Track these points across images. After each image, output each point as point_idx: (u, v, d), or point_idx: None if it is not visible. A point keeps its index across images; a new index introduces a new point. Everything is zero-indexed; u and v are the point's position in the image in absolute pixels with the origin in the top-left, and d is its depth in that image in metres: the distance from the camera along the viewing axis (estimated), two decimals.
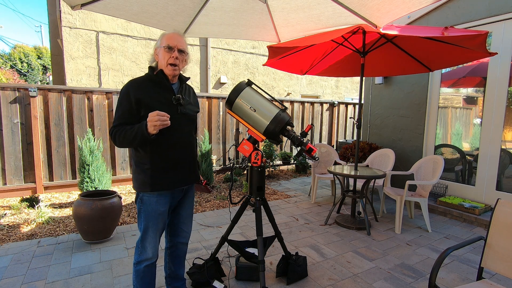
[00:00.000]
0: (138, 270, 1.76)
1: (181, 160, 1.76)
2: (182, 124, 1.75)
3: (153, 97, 1.66)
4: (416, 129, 4.75)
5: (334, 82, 11.18)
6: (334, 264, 2.70)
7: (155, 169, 1.68)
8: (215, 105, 6.09)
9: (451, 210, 3.95)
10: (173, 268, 2.04)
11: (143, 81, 1.70)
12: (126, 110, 1.63)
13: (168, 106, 1.67)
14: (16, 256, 2.72)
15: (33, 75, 25.41)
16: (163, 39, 1.70)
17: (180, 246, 2.00)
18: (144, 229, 1.72)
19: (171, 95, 1.71)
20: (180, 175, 1.77)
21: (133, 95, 1.62)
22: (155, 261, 1.80)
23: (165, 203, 1.75)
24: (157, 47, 1.72)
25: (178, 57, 1.69)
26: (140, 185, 1.70)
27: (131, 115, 1.63)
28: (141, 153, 1.69)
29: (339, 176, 3.63)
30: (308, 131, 2.00)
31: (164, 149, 1.69)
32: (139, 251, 1.75)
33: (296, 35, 3.26)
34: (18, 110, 4.40)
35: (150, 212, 1.71)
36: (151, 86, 1.69)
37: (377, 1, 2.39)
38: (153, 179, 1.68)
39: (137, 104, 1.62)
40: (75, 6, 2.31)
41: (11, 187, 4.43)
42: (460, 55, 3.28)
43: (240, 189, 5.23)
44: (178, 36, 1.73)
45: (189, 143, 1.82)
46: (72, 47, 6.90)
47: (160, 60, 1.71)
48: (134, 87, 1.65)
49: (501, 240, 1.70)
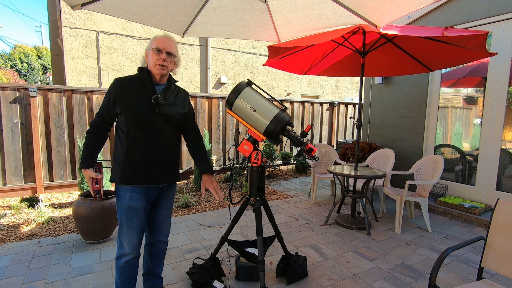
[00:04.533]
0: (118, 265, 1.80)
1: (155, 158, 1.77)
2: (159, 124, 1.77)
3: (132, 96, 1.73)
4: (416, 129, 4.75)
5: (334, 82, 11.18)
6: (334, 264, 2.70)
7: (128, 163, 1.74)
8: (215, 105, 6.09)
9: (451, 210, 3.95)
10: (151, 265, 2.03)
11: (127, 80, 1.78)
12: (105, 104, 1.76)
13: (146, 105, 1.73)
14: (16, 256, 2.72)
15: (33, 75, 25.41)
16: (153, 41, 1.76)
17: (159, 244, 2.00)
18: (120, 224, 1.78)
19: (151, 95, 1.74)
20: (153, 173, 1.78)
21: (114, 92, 1.72)
22: (134, 257, 1.80)
23: (139, 200, 1.76)
24: (147, 49, 1.79)
25: (166, 59, 1.75)
26: (112, 177, 1.79)
27: (107, 111, 1.75)
28: (119, 148, 1.77)
29: (339, 176, 3.63)
30: (308, 131, 2.00)
31: (139, 146, 1.74)
32: (118, 245, 1.80)
33: (296, 35, 3.25)
34: (18, 110, 4.40)
35: (123, 207, 1.76)
36: (133, 84, 1.76)
37: (377, 1, 2.38)
38: (124, 172, 1.74)
39: (113, 101, 1.72)
40: (75, 6, 2.31)
41: (11, 187, 4.43)
42: (460, 55, 3.28)
43: (240, 189, 5.23)
44: (168, 39, 1.79)
45: (166, 143, 1.82)
46: (72, 47, 6.90)
47: (149, 62, 1.77)
48: (117, 84, 1.74)
49: (501, 240, 1.70)
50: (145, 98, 1.73)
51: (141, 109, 1.71)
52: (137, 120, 1.72)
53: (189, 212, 4.01)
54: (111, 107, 1.73)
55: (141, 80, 1.76)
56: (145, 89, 1.75)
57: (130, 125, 1.72)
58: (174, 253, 2.83)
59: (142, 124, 1.73)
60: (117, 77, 1.79)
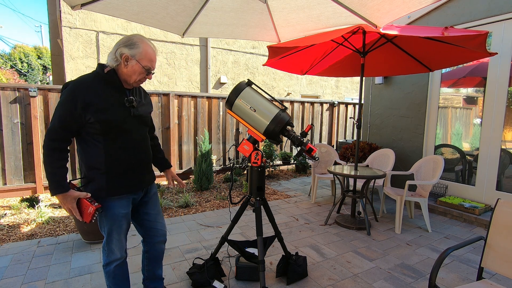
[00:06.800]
0: (108, 271, 1.73)
1: (137, 163, 1.70)
2: (136, 127, 1.69)
3: (104, 99, 1.54)
4: (416, 129, 4.75)
5: (334, 82, 11.19)
6: (334, 264, 2.70)
7: (112, 173, 1.60)
8: (215, 105, 6.09)
9: (451, 210, 3.95)
10: (152, 270, 2.00)
11: (92, 81, 1.55)
12: (69, 113, 1.48)
13: (120, 109, 1.60)
14: (16, 256, 2.72)
15: (33, 75, 25.41)
16: (145, 57, 1.59)
17: (158, 246, 1.96)
18: (108, 233, 1.67)
19: (123, 97, 1.62)
20: (139, 177, 1.73)
21: (82, 98, 1.48)
22: (124, 260, 1.77)
23: (126, 206, 1.70)
24: (131, 56, 1.56)
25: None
26: (95, 191, 1.59)
27: (74, 119, 1.49)
28: (94, 158, 1.57)
29: (339, 176, 3.63)
30: (308, 131, 2.00)
31: (120, 153, 1.61)
32: (107, 253, 1.71)
33: (296, 35, 3.26)
34: (18, 110, 4.40)
35: (111, 216, 1.64)
36: (101, 86, 1.55)
37: (377, 1, 2.39)
38: (110, 183, 1.60)
39: (84, 109, 1.48)
40: (75, 6, 2.31)
41: (11, 187, 4.43)
42: (460, 55, 3.28)
43: (240, 189, 5.23)
44: (156, 57, 1.68)
45: (144, 145, 1.76)
46: (72, 47, 6.90)
47: (128, 71, 1.58)
48: (83, 89, 1.50)
49: (501, 240, 1.70)
50: (117, 102, 1.59)
51: (118, 115, 1.57)
52: (115, 127, 1.56)
53: (189, 212, 4.01)
54: (78, 116, 1.48)
55: (110, 80, 1.58)
56: (115, 91, 1.60)
57: (107, 132, 1.55)
58: (174, 253, 2.83)
59: (121, 129, 1.59)
60: (74, 80, 1.54)
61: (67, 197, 1.51)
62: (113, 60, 1.57)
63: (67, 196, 1.51)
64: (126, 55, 1.56)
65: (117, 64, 1.57)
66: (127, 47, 1.56)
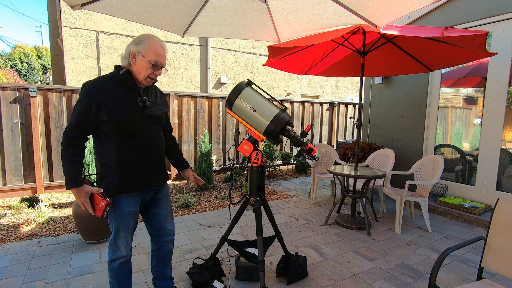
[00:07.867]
0: (112, 268, 1.76)
1: (148, 162, 1.72)
2: (149, 127, 1.71)
3: (118, 100, 1.59)
4: (416, 129, 4.75)
5: (334, 82, 11.19)
6: (334, 264, 2.70)
7: (123, 171, 1.64)
8: (215, 105, 6.09)
9: (451, 210, 3.95)
10: (161, 269, 2.02)
11: (107, 82, 1.61)
12: (85, 111, 1.55)
13: (133, 109, 1.63)
14: (16, 256, 2.72)
15: (33, 75, 25.42)
16: (151, 51, 1.61)
17: (167, 245, 1.98)
18: (115, 230, 1.71)
19: (137, 97, 1.65)
20: (149, 177, 1.75)
21: (96, 98, 1.54)
22: (129, 258, 1.79)
23: (135, 204, 1.72)
24: (137, 52, 1.60)
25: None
26: (106, 188, 1.64)
27: (89, 118, 1.56)
28: (106, 156, 1.63)
29: (339, 176, 3.63)
30: (308, 131, 2.00)
31: (131, 152, 1.65)
32: (113, 250, 1.74)
33: (296, 35, 3.26)
34: (18, 110, 4.40)
35: (119, 213, 1.68)
36: (115, 87, 1.61)
37: (377, 1, 2.39)
38: (120, 181, 1.64)
39: (98, 107, 1.54)
40: (75, 6, 2.31)
41: (11, 187, 4.43)
42: (460, 55, 3.28)
43: (240, 189, 5.23)
44: (165, 52, 1.70)
45: (157, 145, 1.79)
46: (72, 47, 6.90)
47: (137, 68, 1.63)
48: (98, 88, 1.57)
49: (501, 240, 1.70)
50: (131, 102, 1.63)
51: (131, 115, 1.61)
52: (127, 126, 1.61)
53: (189, 212, 4.01)
54: (93, 115, 1.55)
55: (124, 81, 1.63)
56: (129, 92, 1.64)
57: (119, 131, 1.60)
58: (174, 253, 2.82)
59: (133, 129, 1.63)
60: (91, 81, 1.61)
61: (80, 191, 1.57)
62: (125, 60, 1.65)
63: (81, 190, 1.57)
64: (134, 52, 1.61)
65: (129, 63, 1.64)
66: (134, 45, 1.63)
